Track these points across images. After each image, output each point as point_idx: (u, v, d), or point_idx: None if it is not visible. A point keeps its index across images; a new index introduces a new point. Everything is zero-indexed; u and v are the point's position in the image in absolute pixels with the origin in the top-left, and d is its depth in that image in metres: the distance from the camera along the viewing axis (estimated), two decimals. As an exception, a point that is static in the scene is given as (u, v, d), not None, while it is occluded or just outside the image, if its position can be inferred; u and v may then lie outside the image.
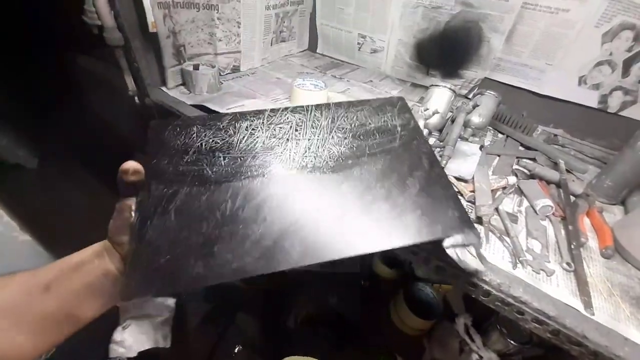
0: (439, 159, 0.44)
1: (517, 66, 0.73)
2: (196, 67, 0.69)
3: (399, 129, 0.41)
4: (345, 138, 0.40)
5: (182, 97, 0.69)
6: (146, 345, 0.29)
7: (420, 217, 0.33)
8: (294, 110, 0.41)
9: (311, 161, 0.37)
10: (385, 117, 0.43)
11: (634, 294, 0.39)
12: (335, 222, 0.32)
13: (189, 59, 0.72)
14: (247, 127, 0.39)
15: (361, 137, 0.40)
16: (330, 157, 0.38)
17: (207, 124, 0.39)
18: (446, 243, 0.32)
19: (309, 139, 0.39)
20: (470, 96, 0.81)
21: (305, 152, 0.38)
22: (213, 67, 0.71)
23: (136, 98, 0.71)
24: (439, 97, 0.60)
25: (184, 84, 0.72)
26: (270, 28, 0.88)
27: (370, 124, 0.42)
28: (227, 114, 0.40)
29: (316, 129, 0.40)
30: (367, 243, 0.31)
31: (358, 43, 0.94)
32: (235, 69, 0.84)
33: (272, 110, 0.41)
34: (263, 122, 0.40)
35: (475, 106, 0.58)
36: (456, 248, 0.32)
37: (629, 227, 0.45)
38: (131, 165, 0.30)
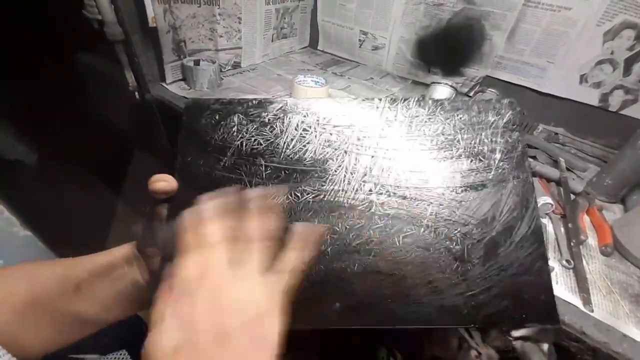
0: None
1: (518, 64, 0.73)
2: (197, 63, 0.69)
3: (497, 156, 0.29)
4: (421, 161, 0.30)
5: (182, 92, 0.69)
6: None
7: (497, 296, 0.25)
8: (361, 104, 0.32)
9: (369, 192, 0.29)
10: (483, 134, 0.30)
11: (633, 291, 0.39)
12: (388, 281, 0.26)
13: (190, 55, 0.71)
14: (297, 124, 0.31)
15: (443, 163, 0.30)
16: (394, 190, 0.29)
17: (250, 115, 0.31)
18: (515, 333, 0.27)
19: (372, 156, 0.30)
20: (471, 94, 0.80)
21: (365, 175, 0.29)
22: (214, 62, 0.71)
23: (136, 93, 0.70)
24: (440, 94, 0.60)
25: (184, 79, 0.72)
26: (270, 24, 0.88)
27: (459, 142, 0.30)
28: (274, 100, 0.32)
29: (385, 139, 0.30)
30: (429, 317, 0.25)
31: (359, 40, 0.94)
32: (236, 65, 0.84)
33: (334, 101, 0.32)
34: (318, 121, 0.31)
35: (476, 104, 0.58)
36: (526, 342, 0.27)
37: (628, 226, 0.45)
38: (161, 186, 0.27)
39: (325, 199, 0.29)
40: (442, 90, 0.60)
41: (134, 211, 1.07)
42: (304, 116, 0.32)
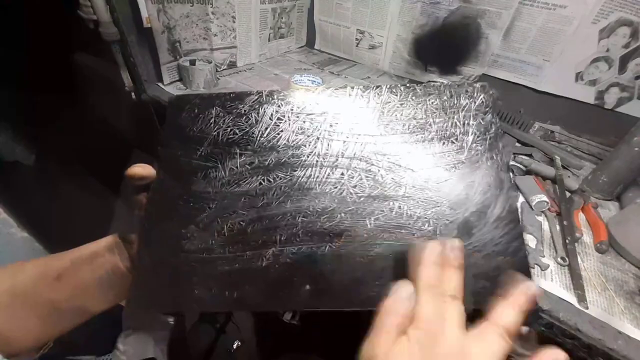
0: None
1: (514, 62, 0.73)
2: (192, 63, 0.69)
3: (470, 138, 0.29)
4: (393, 145, 0.30)
5: (178, 92, 0.68)
6: (146, 356, 0.30)
7: (472, 277, 0.25)
8: (334, 93, 0.32)
9: (340, 176, 0.29)
10: (456, 117, 0.30)
11: (628, 288, 0.39)
12: (359, 263, 0.26)
13: (185, 55, 0.71)
14: (272, 114, 0.32)
15: (415, 146, 0.30)
16: (364, 173, 0.29)
17: (227, 107, 0.33)
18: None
19: (344, 141, 0.30)
20: (467, 92, 0.80)
21: (337, 159, 0.30)
22: (210, 62, 0.71)
23: (132, 94, 0.70)
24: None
25: (180, 79, 0.72)
26: (266, 23, 0.87)
27: (431, 126, 0.30)
28: (251, 93, 0.33)
29: (357, 125, 0.31)
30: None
31: (356, 39, 0.94)
32: (232, 65, 0.84)
33: (306, 91, 0.33)
34: (292, 110, 0.32)
35: (472, 102, 0.58)
36: None
37: (623, 223, 0.45)
38: (136, 171, 0.29)
39: (297, 183, 0.29)
40: (438, 88, 0.60)
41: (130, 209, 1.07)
42: (279, 106, 0.32)
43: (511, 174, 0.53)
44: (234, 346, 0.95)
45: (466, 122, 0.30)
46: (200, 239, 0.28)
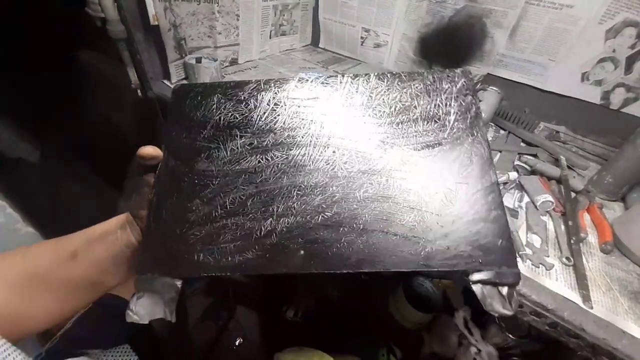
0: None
1: (520, 62, 0.73)
2: (199, 61, 0.69)
3: (452, 117, 0.32)
4: (380, 125, 0.32)
5: (184, 90, 0.69)
6: (156, 316, 0.31)
7: (453, 242, 0.27)
8: (326, 81, 0.35)
9: (332, 153, 0.31)
10: (438, 99, 0.33)
11: (633, 288, 0.39)
12: (349, 231, 0.28)
13: (190, 52, 0.71)
14: (269, 100, 0.34)
15: (400, 125, 0.32)
16: (354, 151, 0.32)
17: (228, 94, 0.35)
18: (474, 277, 0.26)
19: (335, 123, 0.33)
20: (472, 92, 0.80)
21: (329, 139, 0.32)
22: (215, 60, 0.71)
23: (139, 91, 0.71)
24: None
25: (186, 77, 0.72)
26: (268, 20, 0.87)
27: (415, 108, 0.33)
28: (250, 81, 0.35)
29: (347, 108, 0.33)
30: (387, 261, 0.27)
31: (361, 37, 0.94)
32: (234, 62, 0.84)
33: (300, 79, 0.35)
34: (287, 96, 0.34)
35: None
36: (486, 286, 0.26)
37: (628, 223, 0.45)
38: (148, 152, 0.31)
39: (292, 161, 0.31)
40: (444, 88, 0.60)
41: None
42: (275, 93, 0.35)
43: (516, 173, 0.53)
44: (237, 343, 0.95)
45: (448, 103, 0.32)
46: (204, 212, 0.30)
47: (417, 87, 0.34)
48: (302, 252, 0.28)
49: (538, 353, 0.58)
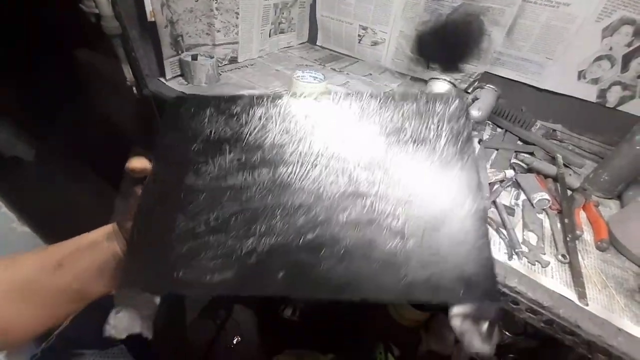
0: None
1: (517, 60, 0.73)
2: (194, 58, 0.69)
3: (442, 141, 0.31)
4: (369, 146, 0.32)
5: (180, 88, 0.68)
6: (134, 331, 0.32)
7: (435, 273, 0.26)
8: (318, 99, 0.34)
9: (318, 174, 0.31)
10: (430, 121, 0.32)
11: (628, 286, 0.39)
12: (330, 255, 0.27)
13: (187, 50, 0.71)
14: (261, 115, 0.34)
15: (390, 146, 0.31)
16: (341, 171, 0.31)
17: (221, 108, 0.35)
18: (454, 311, 0.26)
19: (324, 141, 0.32)
20: (469, 90, 0.80)
21: (317, 158, 0.31)
22: (211, 58, 0.70)
23: (134, 89, 0.70)
24: (439, 90, 0.60)
25: (182, 75, 0.72)
26: (268, 19, 0.87)
27: (406, 129, 0.32)
28: (243, 96, 0.35)
29: (338, 128, 0.33)
30: (367, 289, 0.26)
31: (359, 35, 0.94)
32: (233, 60, 0.83)
33: (292, 95, 0.35)
34: (279, 112, 0.34)
35: (474, 100, 0.58)
36: (465, 320, 0.25)
37: (624, 221, 0.45)
38: (136, 165, 0.31)
39: (279, 179, 0.31)
40: (441, 85, 0.60)
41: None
42: (267, 109, 0.34)
43: (513, 171, 0.53)
44: (234, 342, 0.95)
45: (440, 126, 0.32)
46: (188, 227, 0.29)
47: (409, 108, 0.33)
48: (282, 274, 0.27)
49: (534, 350, 0.58)
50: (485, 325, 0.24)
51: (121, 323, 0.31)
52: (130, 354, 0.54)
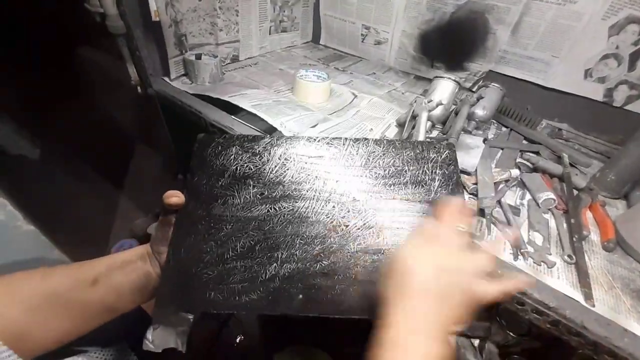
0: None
1: (522, 59, 0.72)
2: (198, 57, 0.69)
3: (436, 184, 0.37)
4: (375, 185, 0.37)
5: (184, 87, 0.68)
6: (169, 345, 0.35)
7: None
8: (331, 142, 0.40)
9: (332, 208, 0.36)
10: (425, 166, 0.38)
11: (635, 286, 0.39)
12: (343, 279, 0.32)
13: (191, 49, 0.71)
14: (280, 155, 0.39)
15: (392, 186, 0.37)
16: (351, 207, 0.36)
17: (245, 147, 0.40)
18: None
19: (337, 180, 0.37)
20: (474, 89, 0.80)
21: (330, 194, 0.36)
22: (215, 57, 0.70)
23: (138, 88, 0.70)
24: (444, 88, 0.59)
25: (186, 74, 0.72)
26: (266, 15, 0.87)
27: (406, 172, 0.38)
28: (265, 136, 0.41)
29: (348, 169, 0.38)
30: (375, 310, 0.29)
31: (362, 34, 0.93)
32: (235, 59, 0.83)
33: (309, 139, 0.40)
34: (297, 153, 0.39)
35: (479, 98, 0.58)
36: (460, 337, 0.30)
37: (631, 221, 0.45)
38: (175, 201, 0.34)
39: (297, 212, 0.35)
40: (446, 84, 0.59)
41: (136, 204, 1.07)
42: (286, 149, 0.40)
43: (518, 171, 0.53)
44: (237, 340, 0.96)
45: (434, 171, 0.38)
46: (217, 253, 0.33)
47: (408, 154, 0.39)
48: (301, 296, 0.31)
49: (539, 351, 0.58)
50: (477, 342, 0.28)
51: (158, 338, 0.34)
52: (132, 352, 0.54)
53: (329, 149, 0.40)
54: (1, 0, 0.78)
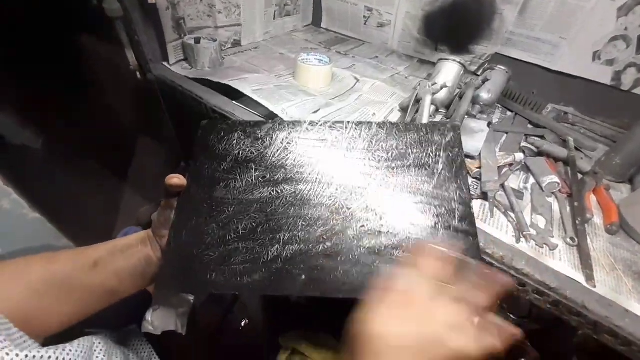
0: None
1: (529, 40, 0.70)
2: (197, 41, 0.68)
3: (440, 166, 0.36)
4: (378, 169, 0.37)
5: (184, 72, 0.67)
6: (169, 328, 0.36)
7: None
8: (333, 126, 0.40)
9: (335, 190, 0.35)
10: (429, 149, 0.37)
11: (637, 268, 0.39)
12: (346, 261, 0.32)
13: (189, 33, 0.70)
14: (283, 139, 0.39)
15: (395, 170, 0.36)
16: (354, 190, 0.35)
17: (247, 132, 0.40)
18: None
19: (339, 164, 0.37)
20: (479, 73, 0.78)
21: (333, 177, 0.36)
22: (214, 41, 0.69)
23: (138, 74, 0.69)
24: (448, 71, 0.58)
25: (186, 59, 0.71)
26: (271, 1, 0.85)
27: (409, 155, 0.37)
28: (267, 122, 0.41)
29: (350, 151, 0.38)
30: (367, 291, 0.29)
31: (364, 16, 0.91)
32: (237, 44, 0.82)
33: (311, 123, 0.40)
34: (299, 137, 0.39)
35: (485, 81, 0.56)
36: None
37: (635, 205, 0.45)
38: (175, 182, 0.35)
39: (300, 195, 0.35)
40: (451, 67, 0.58)
41: (140, 192, 1.08)
42: (289, 133, 0.39)
43: (522, 155, 0.52)
44: (242, 324, 0.98)
45: (437, 153, 0.37)
46: (219, 235, 0.33)
47: (412, 137, 0.38)
48: (303, 277, 0.31)
49: (539, 333, 0.59)
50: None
51: (158, 320, 0.35)
52: (142, 334, 0.55)
53: (332, 133, 0.39)
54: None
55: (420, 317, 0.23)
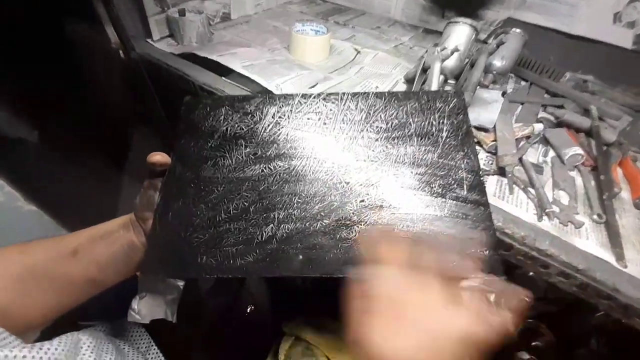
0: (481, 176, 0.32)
1: (546, 2, 0.64)
2: (182, 13, 0.62)
3: (444, 134, 0.34)
4: (377, 140, 0.34)
5: (170, 49, 0.62)
6: (157, 316, 0.34)
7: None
8: (327, 98, 0.37)
9: (331, 165, 0.33)
10: (432, 117, 0.35)
11: (671, 245, 0.36)
12: (346, 238, 0.29)
13: (173, 6, 0.64)
14: (274, 113, 0.36)
15: (396, 140, 0.34)
16: (352, 163, 0.33)
17: (235, 106, 0.37)
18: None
19: (335, 136, 0.35)
20: (489, 41, 0.72)
21: (329, 151, 0.34)
22: (201, 13, 0.63)
23: (121, 53, 0.64)
24: (459, 34, 0.52)
25: (171, 35, 0.65)
26: (264, -31, 0.78)
27: (411, 124, 0.35)
28: (256, 96, 0.38)
29: (347, 124, 0.35)
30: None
31: (364, -16, 0.84)
32: (226, 17, 0.76)
33: (304, 96, 0.37)
34: (292, 110, 0.37)
35: (499, 45, 0.51)
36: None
37: (667, 176, 0.41)
38: (157, 159, 0.33)
39: (294, 171, 0.33)
40: (462, 29, 0.52)
41: (134, 176, 1.05)
42: (280, 107, 0.37)
43: (542, 125, 0.48)
44: (248, 310, 0.97)
45: (441, 121, 0.35)
46: (208, 216, 0.31)
47: (412, 106, 0.36)
48: (300, 257, 0.29)
49: (554, 315, 0.56)
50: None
51: (145, 308, 0.33)
52: (141, 326, 0.54)
53: (326, 105, 0.37)
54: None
55: (416, 320, 0.21)
